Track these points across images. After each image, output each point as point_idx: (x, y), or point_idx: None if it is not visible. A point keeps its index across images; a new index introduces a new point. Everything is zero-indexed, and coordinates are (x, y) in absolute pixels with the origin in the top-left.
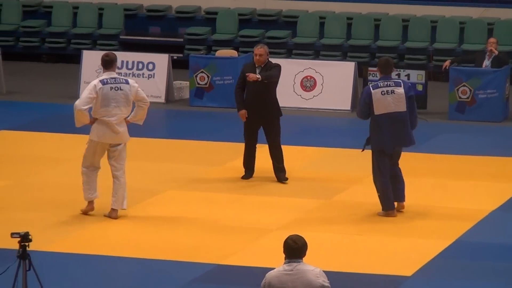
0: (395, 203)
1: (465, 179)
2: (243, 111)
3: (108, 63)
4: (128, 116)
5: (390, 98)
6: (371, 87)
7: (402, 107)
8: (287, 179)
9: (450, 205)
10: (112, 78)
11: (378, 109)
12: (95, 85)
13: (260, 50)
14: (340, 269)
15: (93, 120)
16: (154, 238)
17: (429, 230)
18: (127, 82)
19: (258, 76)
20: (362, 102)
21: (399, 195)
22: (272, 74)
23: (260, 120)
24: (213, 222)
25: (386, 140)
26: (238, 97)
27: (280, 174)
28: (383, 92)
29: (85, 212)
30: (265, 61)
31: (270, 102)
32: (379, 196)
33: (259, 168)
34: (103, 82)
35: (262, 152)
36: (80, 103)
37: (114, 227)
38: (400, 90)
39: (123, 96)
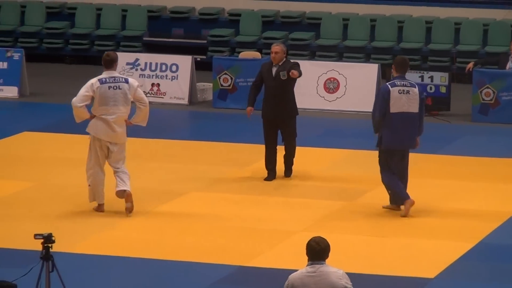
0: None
1: (488, 181)
2: (249, 108)
3: (108, 63)
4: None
5: (405, 98)
6: (389, 85)
7: (414, 108)
8: (291, 174)
9: (473, 207)
10: (112, 77)
11: (393, 108)
12: (92, 84)
13: (276, 47)
14: (363, 271)
15: (93, 116)
16: (177, 239)
17: (452, 232)
18: (126, 81)
19: (296, 71)
20: (380, 99)
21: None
22: (299, 70)
23: (277, 119)
24: (236, 223)
25: (396, 138)
26: (251, 94)
27: (286, 171)
28: (400, 91)
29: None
30: (282, 59)
31: (288, 101)
32: (390, 193)
33: (282, 169)
34: (101, 81)
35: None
36: (76, 100)
37: (137, 228)
38: (415, 91)
39: (121, 95)
